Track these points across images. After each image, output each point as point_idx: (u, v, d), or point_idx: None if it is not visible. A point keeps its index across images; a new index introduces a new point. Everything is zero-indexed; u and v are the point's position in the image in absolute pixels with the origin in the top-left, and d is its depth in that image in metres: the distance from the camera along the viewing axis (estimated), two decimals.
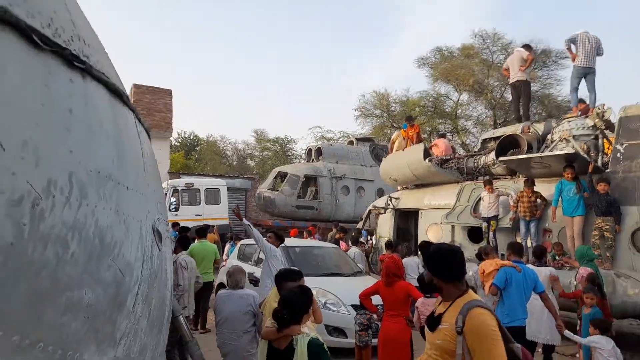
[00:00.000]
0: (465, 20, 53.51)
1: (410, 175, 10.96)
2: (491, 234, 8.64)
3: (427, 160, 10.31)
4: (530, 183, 8.24)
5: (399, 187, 12.34)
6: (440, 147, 11.55)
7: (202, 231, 8.09)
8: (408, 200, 11.19)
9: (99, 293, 1.17)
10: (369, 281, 6.60)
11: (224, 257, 10.92)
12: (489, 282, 5.56)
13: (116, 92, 1.44)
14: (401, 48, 58.54)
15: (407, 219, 11.47)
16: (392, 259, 4.91)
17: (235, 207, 7.11)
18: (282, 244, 7.66)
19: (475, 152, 10.95)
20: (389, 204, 11.49)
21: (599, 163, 7.90)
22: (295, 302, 2.96)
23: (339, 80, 63.72)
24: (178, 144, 38.65)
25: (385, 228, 11.39)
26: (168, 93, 21.02)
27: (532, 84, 14.47)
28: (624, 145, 7.50)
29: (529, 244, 8.22)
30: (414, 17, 57.90)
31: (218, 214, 15.01)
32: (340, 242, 10.84)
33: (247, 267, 7.84)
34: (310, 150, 19.18)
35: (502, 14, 51.32)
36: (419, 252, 9.72)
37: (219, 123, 71.11)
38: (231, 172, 30.25)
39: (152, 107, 20.52)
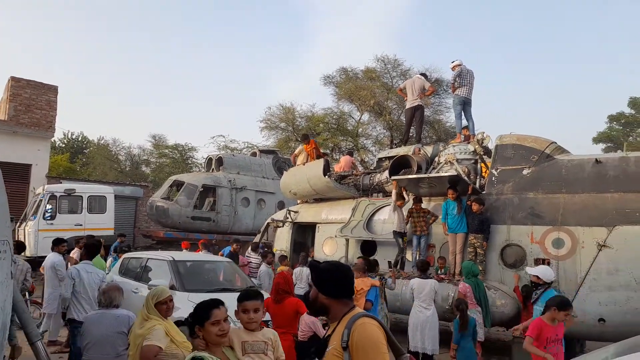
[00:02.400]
0: (373, 42, 56.53)
1: (310, 190, 11.07)
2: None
3: (326, 176, 10.50)
4: (418, 201, 8.78)
5: (298, 201, 12.40)
6: (340, 163, 11.93)
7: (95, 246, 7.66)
8: (306, 214, 11.27)
9: None
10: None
11: (106, 271, 9.99)
12: (362, 299, 6.14)
13: None
14: (311, 64, 59.96)
15: (304, 233, 11.52)
16: (281, 275, 4.85)
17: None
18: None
19: (371, 170, 11.42)
20: (287, 217, 11.46)
21: (477, 185, 8.67)
22: (194, 312, 2.81)
23: (247, 90, 63.21)
24: (63, 145, 35.14)
25: (283, 241, 11.33)
26: (52, 89, 18.95)
27: (425, 110, 15.55)
28: (498, 170, 8.33)
29: (416, 258, 8.71)
30: (327, 36, 59.77)
31: (103, 224, 13.69)
32: (240, 255, 10.52)
33: (131, 284, 7.25)
34: (210, 159, 18.51)
35: (403, 40, 55.17)
36: None
37: (112, 125, 66.29)
38: (123, 178, 28.13)
39: (32, 103, 18.36)
